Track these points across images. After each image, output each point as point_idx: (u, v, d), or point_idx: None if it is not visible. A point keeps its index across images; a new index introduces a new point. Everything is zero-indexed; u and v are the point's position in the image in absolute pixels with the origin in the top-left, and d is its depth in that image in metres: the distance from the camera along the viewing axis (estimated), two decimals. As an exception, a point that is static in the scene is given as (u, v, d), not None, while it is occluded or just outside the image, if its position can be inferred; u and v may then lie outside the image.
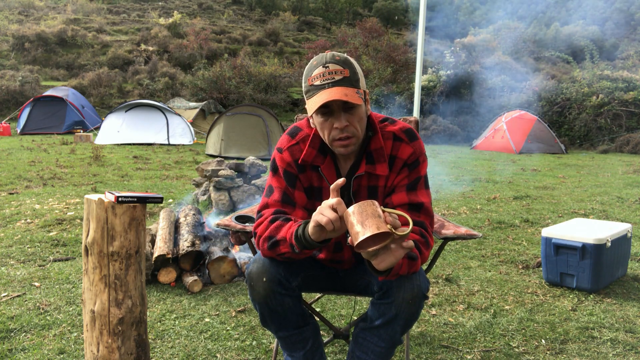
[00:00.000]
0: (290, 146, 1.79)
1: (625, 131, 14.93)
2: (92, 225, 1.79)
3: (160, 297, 3.08)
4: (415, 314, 1.69)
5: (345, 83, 1.59)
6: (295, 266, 1.78)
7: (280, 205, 1.75)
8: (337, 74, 1.59)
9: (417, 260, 1.61)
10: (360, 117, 1.65)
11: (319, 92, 1.59)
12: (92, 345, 1.83)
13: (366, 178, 1.76)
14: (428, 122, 16.58)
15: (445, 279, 3.46)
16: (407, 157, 1.73)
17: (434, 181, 7.91)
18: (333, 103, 1.59)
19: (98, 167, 8.67)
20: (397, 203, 1.71)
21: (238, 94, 20.01)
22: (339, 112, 1.61)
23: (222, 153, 10.99)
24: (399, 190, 1.73)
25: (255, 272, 1.71)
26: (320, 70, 1.60)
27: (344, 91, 1.57)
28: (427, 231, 1.68)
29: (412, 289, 1.62)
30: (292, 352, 1.90)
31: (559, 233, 3.33)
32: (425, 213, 1.72)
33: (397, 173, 1.75)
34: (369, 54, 22.28)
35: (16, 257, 3.79)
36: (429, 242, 1.67)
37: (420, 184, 1.75)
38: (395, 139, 1.75)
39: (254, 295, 1.73)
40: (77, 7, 34.06)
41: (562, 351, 2.46)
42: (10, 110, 18.40)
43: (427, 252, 1.66)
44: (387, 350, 1.80)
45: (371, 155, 1.74)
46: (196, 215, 3.94)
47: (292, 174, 1.77)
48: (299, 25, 37.88)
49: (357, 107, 1.63)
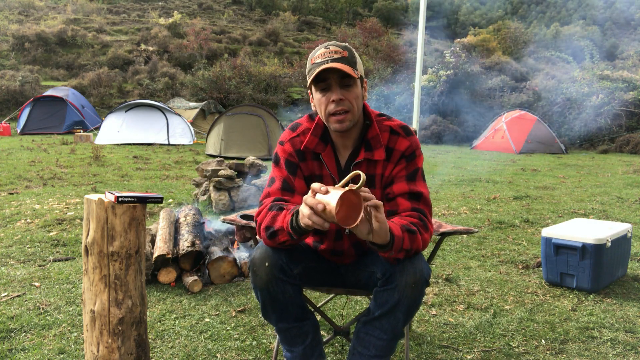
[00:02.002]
0: (291, 138, 1.90)
1: (625, 131, 14.94)
2: (92, 225, 1.79)
3: (160, 297, 3.08)
4: (417, 300, 1.73)
5: (343, 61, 1.72)
6: (297, 255, 1.84)
7: (280, 193, 1.84)
8: (336, 54, 1.73)
9: (417, 234, 1.68)
10: (356, 95, 1.77)
11: (318, 67, 1.72)
12: (92, 345, 1.83)
13: (365, 166, 1.85)
14: (428, 122, 16.57)
15: (445, 279, 3.46)
16: (404, 149, 1.84)
17: (434, 181, 7.91)
18: (330, 77, 1.72)
19: (98, 167, 8.67)
20: (397, 192, 1.80)
21: (238, 94, 20.02)
22: (335, 86, 1.74)
23: (222, 153, 10.99)
24: (398, 180, 1.82)
25: (258, 258, 1.77)
26: (322, 50, 1.75)
27: (341, 65, 1.70)
28: (426, 217, 1.77)
29: (415, 273, 1.68)
30: (292, 346, 1.91)
31: (559, 233, 3.33)
32: (425, 202, 1.81)
33: (395, 164, 1.84)
34: (369, 54, 22.28)
35: (16, 257, 3.79)
36: (428, 227, 1.75)
37: (418, 176, 1.84)
38: (392, 133, 1.86)
39: (256, 281, 1.77)
40: (77, 7, 34.08)
41: (562, 351, 2.46)
42: (10, 110, 18.41)
43: (426, 235, 1.73)
44: (389, 343, 1.82)
45: (369, 143, 1.85)
46: (196, 215, 3.94)
47: (293, 162, 1.87)
48: (299, 25, 37.89)
49: (353, 85, 1.75)
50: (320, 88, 1.76)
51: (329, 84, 1.74)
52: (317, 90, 1.77)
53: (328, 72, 1.71)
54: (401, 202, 1.79)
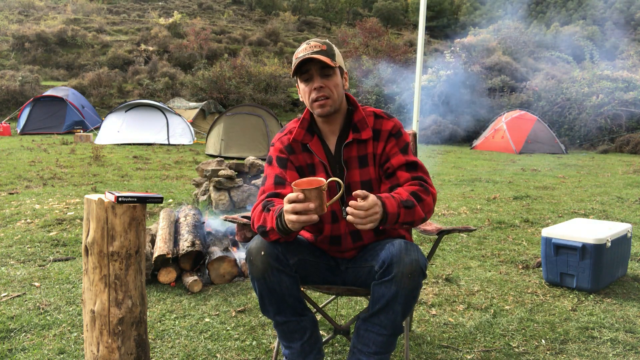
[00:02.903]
0: (280, 137, 2.05)
1: (625, 131, 14.92)
2: (92, 225, 1.79)
3: (160, 297, 3.08)
4: (415, 292, 1.78)
5: (322, 53, 1.89)
6: (293, 247, 1.89)
7: (274, 187, 1.93)
8: (316, 47, 1.90)
9: (415, 207, 1.80)
10: (336, 83, 1.93)
11: (300, 60, 1.89)
12: (92, 345, 1.83)
13: (355, 148, 1.98)
14: (428, 122, 16.56)
15: (445, 279, 3.46)
16: (390, 128, 1.99)
17: (434, 181, 7.91)
18: (311, 67, 1.89)
19: (98, 167, 8.67)
20: (396, 165, 1.94)
21: (238, 94, 20.01)
22: (316, 76, 1.90)
23: (222, 153, 10.99)
24: (394, 155, 1.96)
25: (254, 248, 1.83)
26: (304, 46, 1.93)
27: (319, 56, 1.86)
28: (426, 182, 1.92)
29: (411, 263, 1.75)
30: (290, 342, 1.92)
31: (559, 233, 3.33)
32: (421, 169, 1.96)
33: (385, 142, 1.98)
34: (369, 54, 22.28)
35: (16, 257, 3.79)
36: (429, 190, 1.89)
37: (409, 149, 2.00)
38: (376, 117, 2.02)
39: (253, 271, 1.83)
40: (77, 7, 34.07)
41: (562, 351, 2.46)
42: (10, 110, 18.40)
43: (428, 198, 1.86)
44: (389, 339, 1.83)
45: (356, 126, 1.99)
46: (196, 215, 3.93)
47: (283, 158, 2.00)
48: (299, 25, 37.89)
49: (332, 74, 1.92)
50: (303, 79, 1.93)
51: (310, 74, 1.90)
52: (301, 81, 1.94)
53: (309, 63, 1.89)
54: (401, 175, 1.93)
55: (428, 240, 4.39)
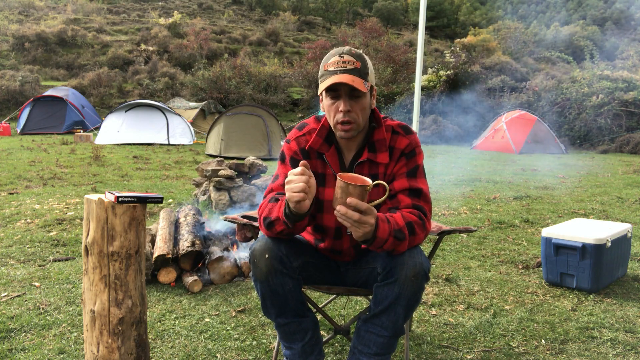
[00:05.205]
0: (297, 137, 1.96)
1: (625, 131, 14.93)
2: (92, 225, 1.79)
3: (160, 297, 3.07)
4: (417, 294, 1.76)
5: (355, 73, 1.76)
6: (297, 249, 1.87)
7: (282, 188, 1.85)
8: (350, 64, 1.76)
9: (404, 241, 1.71)
10: (363, 107, 1.82)
11: (330, 76, 1.77)
12: (92, 345, 1.83)
13: (367, 166, 1.90)
14: (428, 122, 16.56)
15: (445, 279, 3.46)
16: (404, 147, 1.89)
17: (434, 181, 7.90)
18: (340, 87, 1.77)
19: (98, 167, 8.67)
20: (398, 189, 1.85)
21: (238, 94, 20.02)
22: (345, 97, 1.78)
23: (222, 153, 10.99)
24: (399, 177, 1.87)
25: (258, 249, 1.80)
26: (336, 58, 1.79)
27: (352, 78, 1.74)
28: (425, 216, 1.81)
29: (414, 266, 1.72)
30: (291, 343, 1.91)
31: (559, 233, 3.33)
32: (424, 199, 1.85)
33: (395, 161, 1.89)
34: (369, 54, 22.27)
35: (16, 257, 3.79)
36: (426, 226, 1.79)
37: (419, 173, 1.89)
38: (393, 132, 1.92)
39: (256, 273, 1.80)
40: (77, 7, 34.07)
41: (562, 351, 2.46)
42: (10, 110, 18.40)
43: (421, 234, 1.77)
44: (389, 340, 1.82)
45: (373, 145, 1.90)
46: (196, 215, 3.93)
47: (297, 160, 1.91)
48: (299, 25, 37.88)
49: (362, 96, 1.80)
50: (330, 96, 1.82)
51: (338, 93, 1.79)
52: (327, 97, 1.83)
53: (339, 83, 1.75)
54: (402, 199, 1.83)
55: (428, 240, 4.39)
